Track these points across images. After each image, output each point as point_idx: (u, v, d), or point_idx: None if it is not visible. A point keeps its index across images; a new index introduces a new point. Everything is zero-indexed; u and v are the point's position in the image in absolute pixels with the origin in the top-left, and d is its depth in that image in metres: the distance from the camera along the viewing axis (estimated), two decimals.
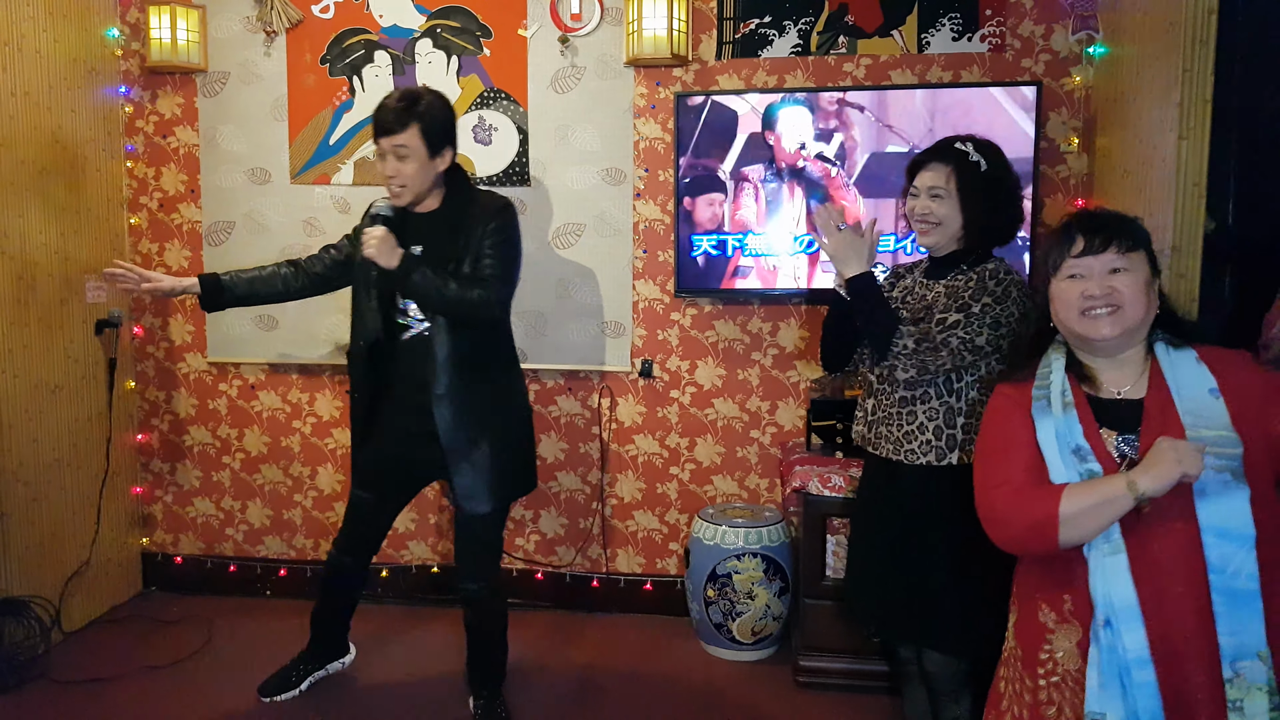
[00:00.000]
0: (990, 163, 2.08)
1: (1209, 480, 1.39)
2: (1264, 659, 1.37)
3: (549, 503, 3.48)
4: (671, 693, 2.88)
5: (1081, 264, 1.51)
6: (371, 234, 2.35)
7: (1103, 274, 1.50)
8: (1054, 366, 1.58)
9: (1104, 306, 1.49)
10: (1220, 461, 1.39)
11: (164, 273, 3.55)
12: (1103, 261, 1.50)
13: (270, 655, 3.11)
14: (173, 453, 3.65)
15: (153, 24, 3.32)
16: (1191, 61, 2.45)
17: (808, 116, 3.11)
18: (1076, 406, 1.52)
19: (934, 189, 2.08)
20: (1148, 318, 1.51)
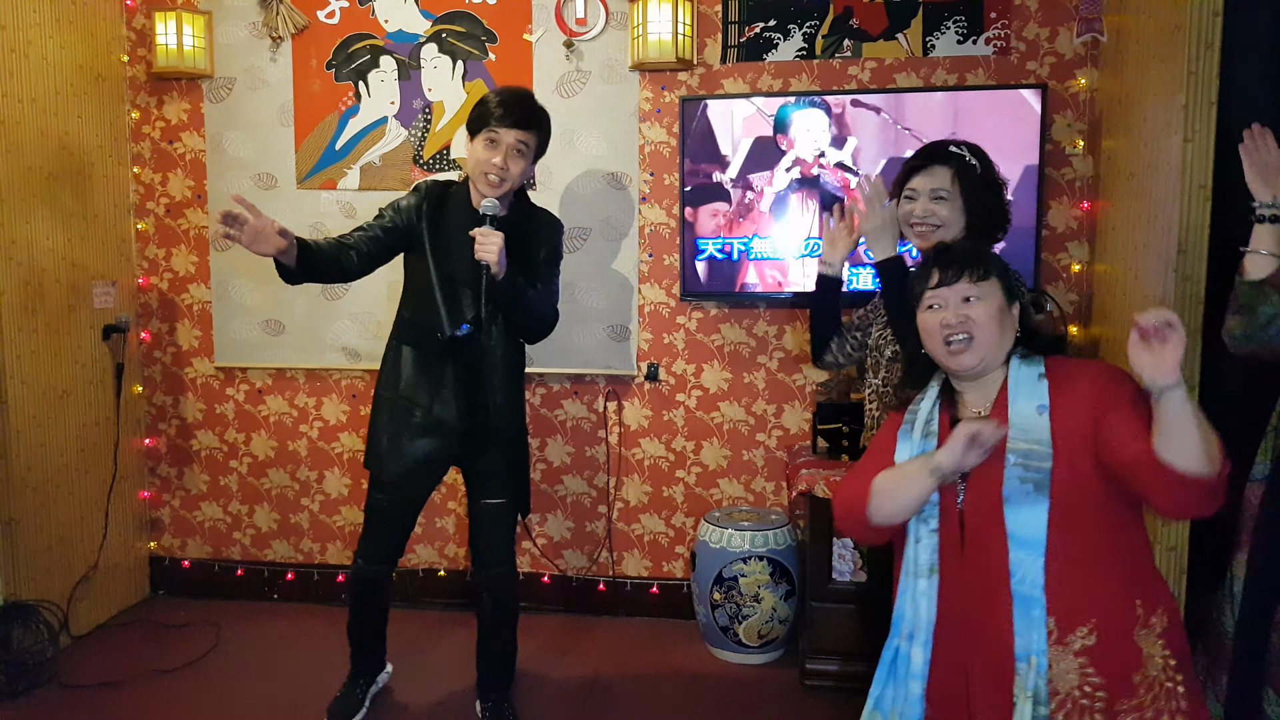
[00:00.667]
0: (983, 166, 2.10)
1: (1014, 490, 1.49)
2: (1033, 665, 1.45)
3: (555, 506, 3.49)
4: (678, 696, 2.89)
5: (938, 295, 1.60)
6: (492, 238, 2.28)
7: (957, 303, 1.58)
8: (928, 394, 1.69)
9: (960, 334, 1.57)
10: (1028, 474, 1.48)
11: (171, 279, 3.57)
12: (956, 291, 1.58)
13: (278, 659, 3.13)
14: (180, 457, 3.66)
15: (159, 30, 3.33)
16: (1196, 64, 2.45)
17: (822, 120, 3.10)
18: (939, 430, 1.63)
19: (937, 191, 2.07)
20: (1004, 342, 1.59)
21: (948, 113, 3.04)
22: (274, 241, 2.20)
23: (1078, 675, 1.46)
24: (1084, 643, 1.46)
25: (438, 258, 2.47)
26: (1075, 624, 1.46)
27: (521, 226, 2.50)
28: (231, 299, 3.52)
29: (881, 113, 3.07)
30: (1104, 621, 1.46)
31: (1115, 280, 2.92)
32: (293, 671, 3.05)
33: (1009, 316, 1.60)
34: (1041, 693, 1.45)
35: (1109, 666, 1.45)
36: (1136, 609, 1.47)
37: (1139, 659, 1.46)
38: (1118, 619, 1.46)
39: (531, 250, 2.51)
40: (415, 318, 2.55)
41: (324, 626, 3.37)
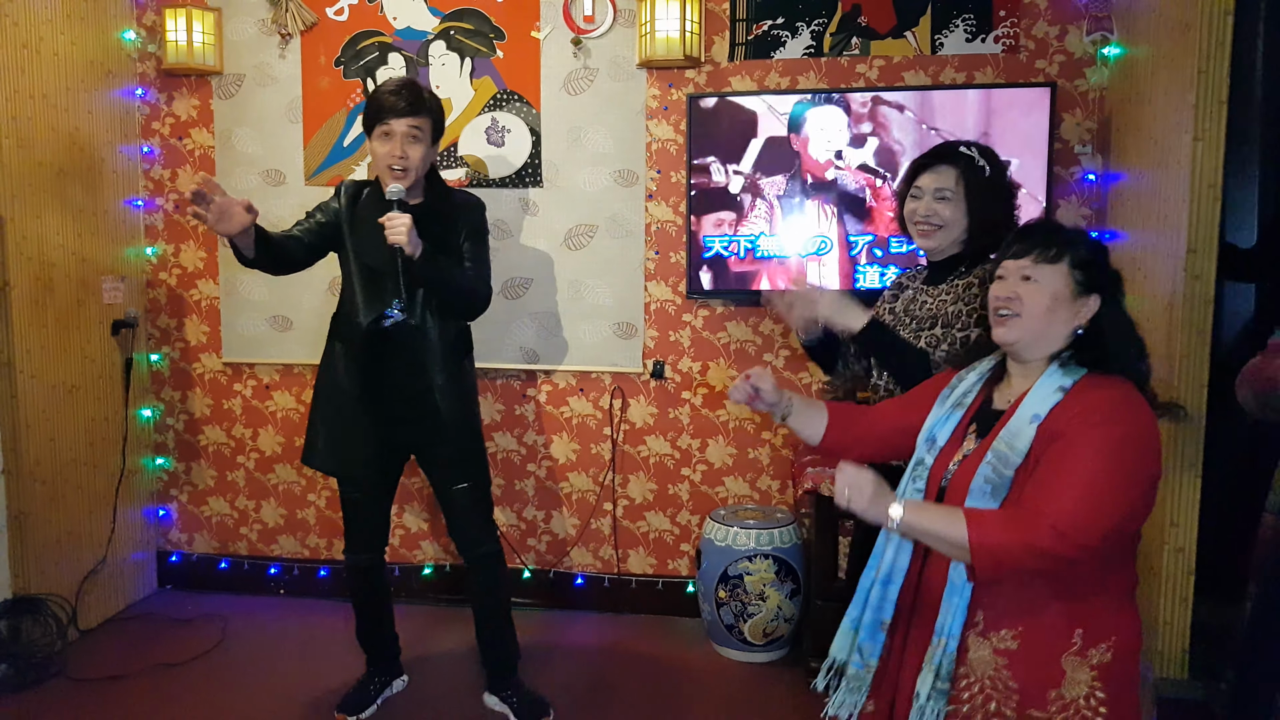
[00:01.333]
0: (991, 168, 2.07)
1: (978, 486, 1.51)
2: (942, 645, 1.52)
3: (560, 504, 3.49)
4: (682, 694, 2.89)
5: (1004, 266, 1.58)
6: (399, 220, 2.31)
7: (1016, 278, 1.55)
8: (978, 369, 1.70)
9: (1005, 309, 1.55)
10: (993, 475, 1.50)
11: (179, 274, 3.59)
12: (1019, 266, 1.55)
13: (284, 653, 3.14)
14: (188, 452, 3.68)
15: (169, 26, 3.35)
16: (1207, 63, 2.44)
17: (839, 119, 3.06)
18: (967, 408, 1.65)
19: (940, 190, 2.06)
20: (1053, 331, 1.54)
21: (978, 111, 2.99)
22: (240, 219, 2.21)
23: (993, 668, 1.51)
24: (1005, 645, 1.50)
25: (357, 250, 2.54)
26: (1001, 624, 1.51)
27: (439, 210, 2.56)
28: (239, 295, 3.53)
29: (905, 110, 3.04)
30: (1030, 633, 1.49)
31: (1125, 280, 2.90)
32: (298, 666, 3.06)
33: (1068, 309, 1.53)
34: (944, 670, 1.52)
35: (1026, 675, 1.48)
36: (1074, 636, 1.48)
37: (1060, 679, 1.48)
38: (1047, 637, 1.48)
39: (453, 232, 2.57)
40: (344, 311, 2.62)
41: (330, 622, 3.38)
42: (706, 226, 3.18)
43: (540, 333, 3.38)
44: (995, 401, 1.64)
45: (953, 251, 2.10)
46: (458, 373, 2.64)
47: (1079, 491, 1.40)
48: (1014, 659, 1.49)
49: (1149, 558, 2.67)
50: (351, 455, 2.62)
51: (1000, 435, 1.52)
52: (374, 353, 2.56)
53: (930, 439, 1.66)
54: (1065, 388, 1.50)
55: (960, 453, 1.61)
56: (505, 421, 3.47)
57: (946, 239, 2.08)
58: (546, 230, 3.34)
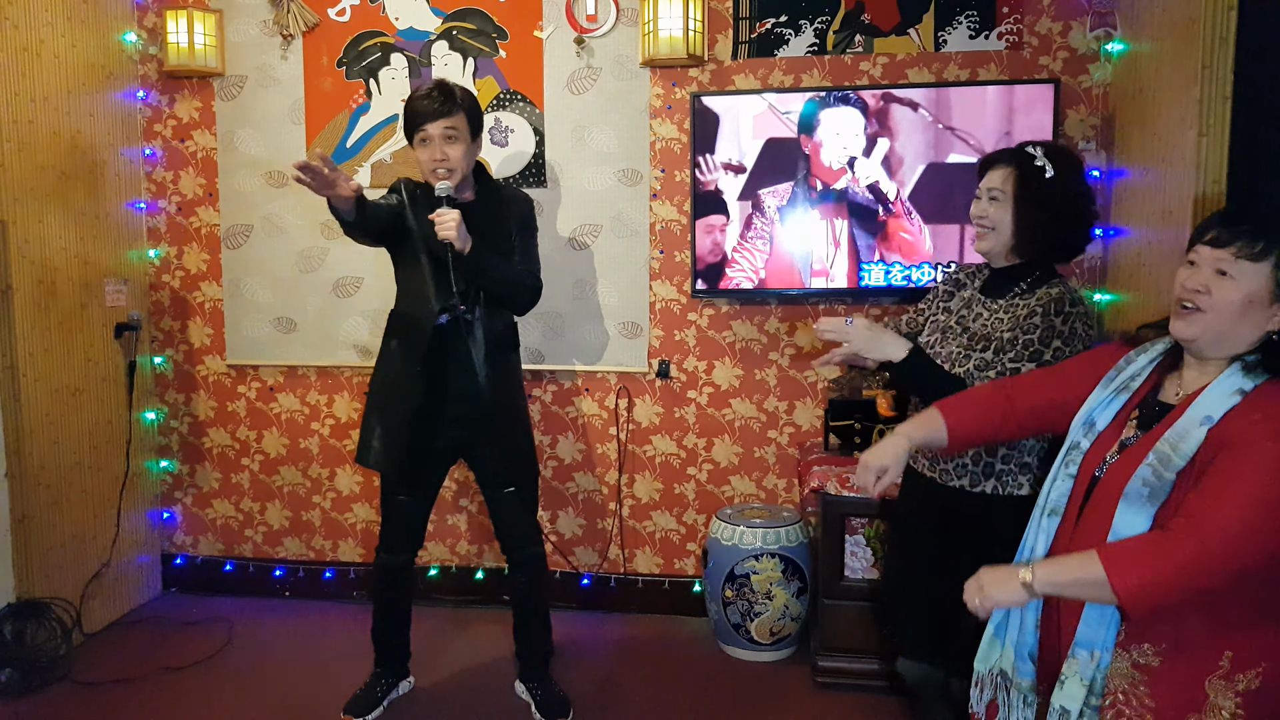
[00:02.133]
0: (1059, 171, 1.97)
1: (1134, 489, 1.42)
2: (1095, 659, 1.44)
3: (566, 503, 3.49)
4: (690, 693, 2.88)
5: (1200, 253, 1.45)
6: (448, 215, 2.35)
7: (1210, 270, 1.43)
8: (1151, 351, 1.60)
9: (1190, 303, 1.44)
10: (1152, 478, 1.41)
11: (182, 277, 3.58)
12: (1215, 257, 1.42)
13: (290, 656, 3.13)
14: (192, 455, 3.67)
15: (170, 28, 3.34)
16: (1211, 58, 2.44)
17: (856, 120, 3.02)
18: (1132, 393, 1.56)
19: (993, 190, 2.01)
20: (1240, 334, 1.42)
21: (1010, 108, 2.94)
22: (344, 190, 2.26)
23: (1128, 683, 1.43)
24: (1147, 660, 1.42)
25: (429, 241, 2.49)
26: (1145, 638, 1.42)
27: (489, 206, 2.59)
28: (243, 297, 3.53)
29: (920, 108, 3.01)
30: (1173, 651, 1.40)
31: (1129, 276, 2.91)
32: (304, 668, 3.05)
33: (1261, 313, 1.40)
34: (1098, 684, 1.43)
35: (1166, 695, 1.40)
36: (1223, 657, 1.38)
37: (1202, 704, 1.38)
38: (1192, 656, 1.39)
39: (503, 226, 2.60)
40: (407, 309, 2.59)
41: (336, 624, 3.38)
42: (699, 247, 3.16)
43: (545, 333, 3.37)
44: (1164, 391, 1.54)
45: (1011, 261, 2.05)
46: (505, 368, 2.65)
47: (1243, 506, 1.30)
48: (1154, 676, 1.41)
49: None
50: (407, 454, 2.57)
51: (1166, 435, 1.42)
52: (434, 349, 2.53)
53: (1089, 423, 1.57)
54: (1244, 390, 1.39)
55: (1118, 442, 1.53)
56: None
57: (996, 242, 2.03)
58: (551, 230, 3.34)
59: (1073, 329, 1.92)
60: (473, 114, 2.54)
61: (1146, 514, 1.40)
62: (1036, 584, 1.39)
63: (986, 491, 2.00)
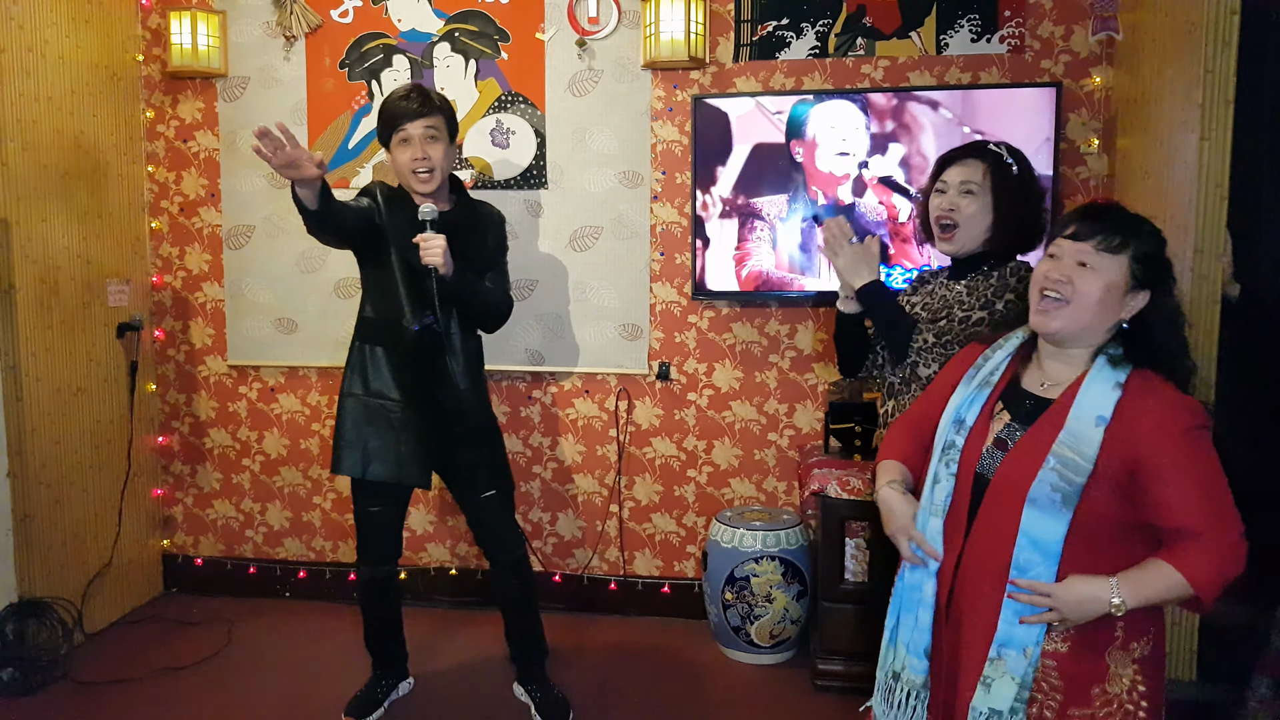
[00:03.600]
0: (1020, 169, 2.05)
1: (1042, 494, 1.45)
2: (1028, 655, 1.47)
3: (566, 505, 3.49)
4: (689, 696, 2.88)
5: (1061, 246, 1.51)
6: (435, 241, 2.34)
7: (1071, 262, 1.49)
8: (1007, 344, 1.66)
9: (1055, 293, 1.49)
10: (1060, 483, 1.45)
11: (184, 277, 3.59)
12: (1077, 250, 1.48)
13: (290, 656, 3.14)
14: (193, 455, 3.67)
15: (173, 29, 3.35)
16: (1213, 62, 2.44)
17: (854, 116, 3.03)
18: (998, 383, 1.62)
19: (966, 184, 2.03)
20: (1099, 324, 1.50)
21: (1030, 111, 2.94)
22: (308, 170, 2.16)
23: (1039, 671, 1.49)
24: (1054, 647, 1.48)
25: (403, 253, 2.48)
26: (1050, 628, 1.48)
27: (467, 221, 2.58)
28: (245, 297, 3.53)
29: (941, 108, 2.99)
30: (1080, 633, 1.47)
31: None
32: (305, 669, 3.05)
33: (1117, 303, 1.48)
34: (1028, 679, 1.48)
35: (1072, 673, 1.47)
36: (1117, 630, 1.47)
37: (1105, 675, 1.47)
38: (1095, 635, 1.47)
39: (479, 244, 2.60)
40: (381, 315, 2.56)
41: (336, 624, 3.38)
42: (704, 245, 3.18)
43: (546, 335, 3.38)
44: (1026, 380, 1.60)
45: (977, 250, 2.07)
46: (480, 381, 2.69)
47: (1217, 498, 1.41)
48: (1062, 660, 1.48)
49: None
50: (388, 462, 2.54)
51: (1062, 438, 1.46)
52: (408, 359, 2.53)
53: (958, 420, 1.62)
54: (1121, 384, 1.46)
55: (993, 436, 1.57)
56: (511, 424, 3.46)
57: (966, 237, 2.05)
58: (552, 232, 3.34)
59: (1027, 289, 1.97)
60: (450, 117, 2.56)
61: (1061, 519, 1.44)
62: (1131, 607, 1.42)
63: None
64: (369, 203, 2.52)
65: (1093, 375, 1.49)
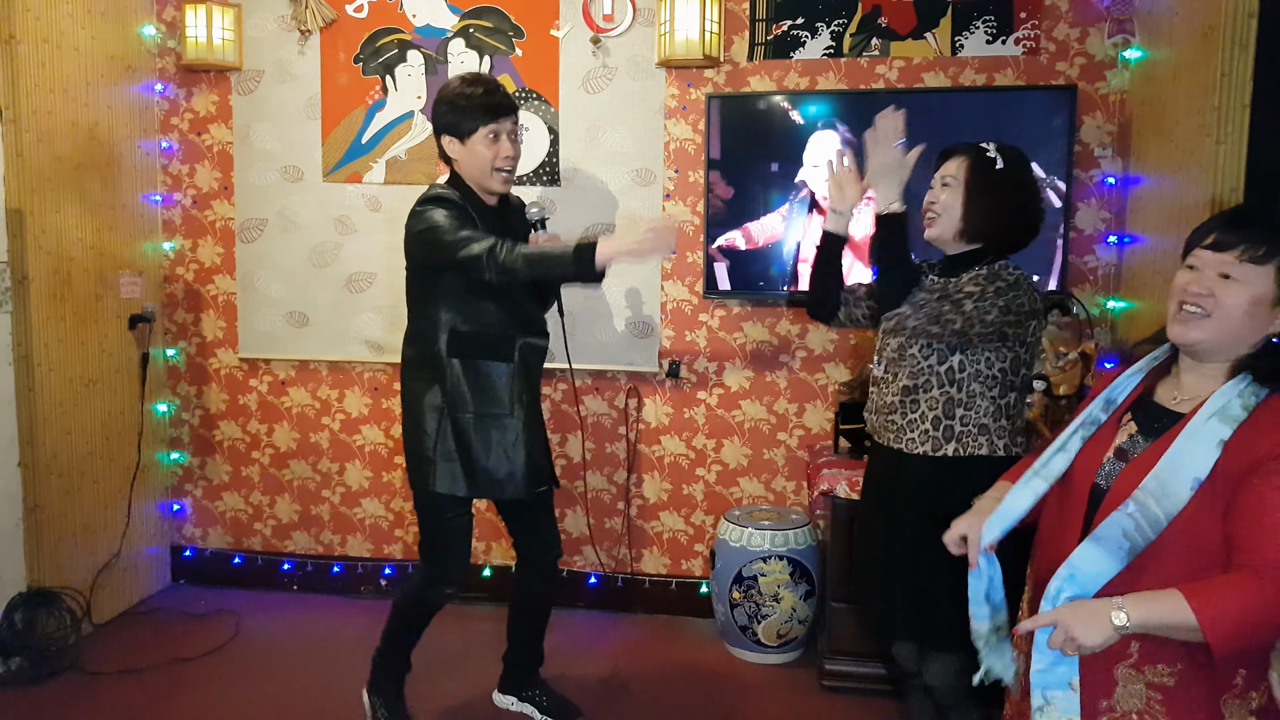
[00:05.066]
0: (1008, 164, 2.06)
1: (1110, 533, 1.37)
2: (1074, 688, 1.37)
3: (575, 502, 3.49)
4: (696, 695, 2.88)
5: (1201, 256, 1.42)
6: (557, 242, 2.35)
7: (1213, 273, 1.40)
8: (1143, 364, 1.57)
9: (1195, 306, 1.40)
10: (1133, 529, 1.36)
11: (196, 269, 3.59)
12: (1219, 261, 1.39)
13: (297, 649, 3.15)
14: (203, 447, 3.68)
15: (189, 22, 3.36)
16: (1230, 66, 2.43)
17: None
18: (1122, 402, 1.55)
19: (945, 177, 2.09)
20: (1242, 338, 1.40)
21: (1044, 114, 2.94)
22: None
23: (1143, 703, 1.40)
24: (1160, 680, 1.39)
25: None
26: (1158, 659, 1.39)
27: (511, 215, 2.54)
28: (257, 290, 3.54)
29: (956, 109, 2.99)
30: (1188, 671, 1.37)
31: (1144, 284, 2.90)
32: (311, 662, 3.06)
33: (1264, 316, 1.38)
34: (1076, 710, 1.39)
35: (1182, 714, 1.38)
36: (1237, 675, 1.36)
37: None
38: (1208, 676, 1.37)
39: (526, 231, 2.58)
40: (480, 327, 2.39)
41: (343, 618, 3.39)
42: None
43: (556, 331, 3.36)
44: (1158, 394, 1.52)
45: (962, 247, 2.10)
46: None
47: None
48: (1169, 695, 1.38)
49: None
50: (518, 478, 2.42)
51: (1146, 485, 1.37)
52: (522, 368, 2.45)
53: (1109, 399, 1.55)
54: (1249, 408, 1.35)
55: (1114, 446, 1.50)
56: None
57: (943, 227, 2.09)
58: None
59: (1018, 281, 2.01)
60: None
61: (1116, 563, 1.36)
62: (1131, 628, 1.30)
63: (949, 454, 2.05)
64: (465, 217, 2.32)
65: (1218, 395, 1.38)
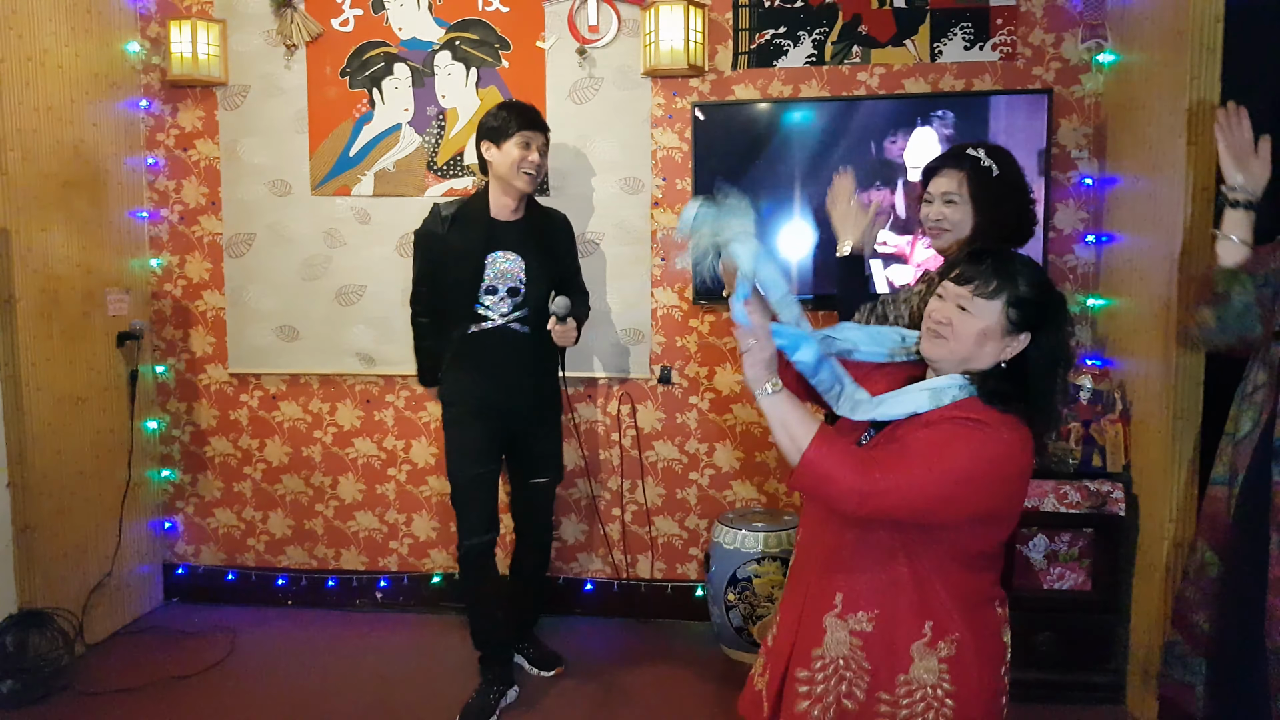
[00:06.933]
0: (1002, 168, 2.12)
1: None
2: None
3: (569, 509, 3.51)
4: (695, 697, 2.91)
5: (946, 288, 1.59)
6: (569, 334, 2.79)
7: (952, 304, 1.56)
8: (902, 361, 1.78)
9: (937, 331, 1.57)
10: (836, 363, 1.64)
11: (185, 286, 3.58)
12: (956, 293, 1.55)
13: (294, 665, 3.14)
14: (194, 464, 3.66)
15: (174, 38, 3.36)
16: (1199, 68, 2.51)
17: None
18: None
19: (948, 194, 2.12)
20: (975, 359, 1.55)
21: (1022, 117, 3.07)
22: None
23: (847, 649, 1.58)
24: (861, 627, 1.58)
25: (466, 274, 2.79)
26: (859, 607, 1.58)
27: (542, 227, 2.88)
28: (246, 305, 3.54)
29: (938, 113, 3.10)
30: (885, 618, 1.56)
31: (1121, 281, 2.97)
32: (308, 677, 3.05)
33: (995, 344, 1.54)
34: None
35: (879, 657, 1.56)
36: (925, 627, 1.55)
37: (908, 665, 1.55)
38: (900, 624, 1.55)
39: (559, 246, 2.93)
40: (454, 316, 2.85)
41: (338, 632, 3.38)
42: None
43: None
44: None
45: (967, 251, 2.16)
46: (542, 371, 2.99)
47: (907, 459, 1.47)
48: (868, 641, 1.57)
49: (1149, 553, 2.73)
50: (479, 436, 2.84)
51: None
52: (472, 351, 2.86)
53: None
54: (937, 403, 1.53)
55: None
56: None
57: (952, 240, 2.14)
58: None
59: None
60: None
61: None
62: (770, 399, 1.54)
63: None
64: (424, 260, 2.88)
65: (935, 380, 1.57)
